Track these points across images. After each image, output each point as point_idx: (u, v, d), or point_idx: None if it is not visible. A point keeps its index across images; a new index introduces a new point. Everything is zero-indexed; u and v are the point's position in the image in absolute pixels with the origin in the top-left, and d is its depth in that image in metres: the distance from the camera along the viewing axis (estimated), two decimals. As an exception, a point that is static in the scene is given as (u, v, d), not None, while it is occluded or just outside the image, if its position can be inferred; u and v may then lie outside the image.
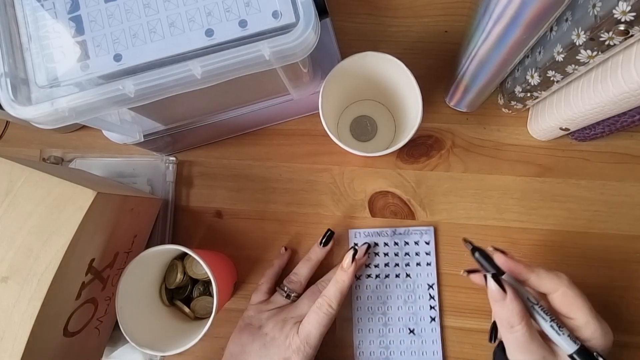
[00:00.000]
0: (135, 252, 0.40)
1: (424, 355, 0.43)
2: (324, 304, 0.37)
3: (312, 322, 0.37)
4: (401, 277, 0.44)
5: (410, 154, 0.47)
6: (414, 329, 0.43)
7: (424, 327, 0.43)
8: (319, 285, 0.41)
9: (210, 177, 0.48)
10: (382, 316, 0.44)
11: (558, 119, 0.40)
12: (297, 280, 0.42)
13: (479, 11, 0.32)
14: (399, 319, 0.43)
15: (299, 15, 0.28)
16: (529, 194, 0.45)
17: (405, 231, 0.45)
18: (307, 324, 0.37)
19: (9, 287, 0.29)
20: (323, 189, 0.47)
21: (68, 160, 0.48)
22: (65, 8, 0.29)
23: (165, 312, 0.42)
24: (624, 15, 0.25)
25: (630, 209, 0.44)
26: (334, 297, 0.37)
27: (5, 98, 0.27)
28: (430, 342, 0.43)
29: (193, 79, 0.28)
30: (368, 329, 0.43)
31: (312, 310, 0.37)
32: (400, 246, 0.45)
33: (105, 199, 0.33)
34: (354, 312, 0.44)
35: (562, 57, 0.32)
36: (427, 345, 0.43)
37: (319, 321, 0.37)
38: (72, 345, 0.34)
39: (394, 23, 0.49)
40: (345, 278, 0.38)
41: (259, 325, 0.39)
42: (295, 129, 0.48)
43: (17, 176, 0.31)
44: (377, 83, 0.42)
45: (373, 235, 0.45)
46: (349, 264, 0.38)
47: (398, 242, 0.45)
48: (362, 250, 0.43)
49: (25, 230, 0.30)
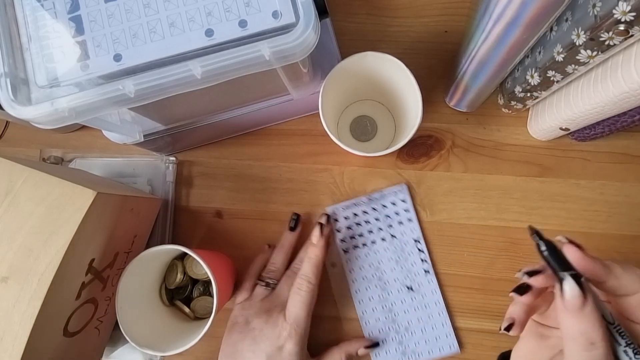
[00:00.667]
0: (135, 252, 0.40)
1: (427, 307, 0.44)
2: (303, 282, 0.39)
3: (296, 304, 0.38)
4: (387, 239, 0.45)
5: (410, 154, 0.47)
6: (411, 286, 0.44)
7: (420, 281, 0.44)
8: (292, 268, 0.42)
9: (210, 177, 0.48)
10: (379, 282, 0.44)
11: (558, 119, 0.40)
12: (274, 269, 0.42)
13: (479, 11, 0.32)
14: (394, 280, 0.44)
15: (299, 15, 0.28)
16: (529, 194, 0.45)
17: (379, 195, 0.46)
18: (292, 307, 0.38)
19: (9, 287, 0.29)
20: (323, 189, 0.47)
21: (68, 160, 0.48)
22: (65, 8, 0.29)
23: (165, 312, 0.42)
24: (624, 15, 0.25)
25: (630, 209, 0.44)
26: (310, 272, 0.39)
27: (5, 98, 0.27)
28: (430, 293, 0.44)
29: (193, 79, 0.28)
30: (368, 297, 0.44)
31: (292, 292, 0.39)
32: (378, 210, 0.45)
33: (105, 199, 0.33)
34: (350, 285, 0.44)
35: (562, 57, 0.32)
36: (427, 298, 0.44)
37: (302, 300, 0.38)
38: (72, 345, 0.34)
39: (394, 23, 0.49)
40: (317, 252, 0.40)
41: (245, 322, 0.39)
42: (295, 129, 0.48)
43: (17, 176, 0.31)
44: (377, 83, 0.42)
45: (350, 207, 0.46)
46: (318, 237, 0.40)
47: (376, 207, 0.45)
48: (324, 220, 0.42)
49: (25, 230, 0.30)
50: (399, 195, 0.45)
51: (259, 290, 0.41)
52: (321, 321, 0.44)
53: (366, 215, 0.45)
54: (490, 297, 0.43)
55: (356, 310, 0.44)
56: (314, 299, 0.39)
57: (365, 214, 0.45)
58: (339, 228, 0.45)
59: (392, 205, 0.45)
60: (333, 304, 0.45)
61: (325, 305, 0.44)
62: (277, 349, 0.37)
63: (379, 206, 0.45)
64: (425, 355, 0.43)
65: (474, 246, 0.45)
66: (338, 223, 0.46)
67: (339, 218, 0.46)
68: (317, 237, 0.40)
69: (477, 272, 0.44)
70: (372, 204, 0.45)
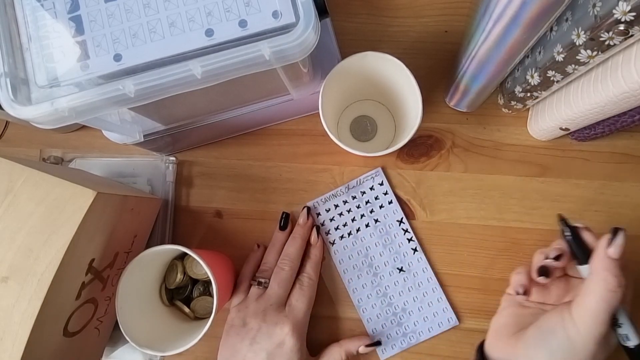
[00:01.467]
0: (135, 252, 0.40)
1: (420, 286, 0.44)
2: (304, 279, 0.41)
3: (298, 297, 0.40)
4: (371, 225, 0.45)
5: (410, 154, 0.47)
6: (402, 267, 0.44)
7: (410, 260, 0.45)
8: (280, 265, 0.42)
9: (210, 177, 0.48)
10: (369, 268, 0.45)
11: (558, 119, 0.40)
12: (268, 269, 0.43)
13: (479, 11, 0.32)
14: (385, 264, 0.45)
15: (299, 15, 0.28)
16: (529, 194, 0.45)
17: (357, 182, 0.46)
18: (294, 301, 0.40)
19: (9, 287, 0.29)
20: (323, 189, 0.47)
21: (68, 160, 0.48)
22: (65, 8, 0.29)
23: (165, 312, 0.42)
24: (624, 15, 0.25)
25: (630, 209, 0.44)
26: (311, 270, 0.42)
27: (5, 98, 0.27)
28: (421, 272, 0.44)
29: (193, 79, 0.28)
30: (361, 285, 0.44)
31: (294, 288, 0.41)
32: (358, 198, 0.46)
33: (105, 199, 0.33)
34: (342, 276, 0.45)
35: (562, 57, 0.32)
36: (419, 276, 0.44)
37: (304, 294, 0.40)
38: (72, 345, 0.34)
39: (394, 23, 0.49)
40: (317, 252, 0.43)
41: (242, 323, 0.40)
42: (295, 129, 0.48)
43: (17, 176, 0.31)
44: (377, 83, 0.42)
45: (330, 198, 0.46)
46: (316, 239, 0.44)
47: (355, 195, 0.46)
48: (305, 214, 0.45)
49: (25, 230, 0.30)
50: (376, 179, 0.46)
51: (254, 291, 0.42)
52: (319, 320, 0.44)
53: (347, 204, 0.46)
54: (491, 297, 0.43)
55: (352, 300, 0.44)
56: (313, 294, 0.41)
57: (345, 204, 0.46)
58: (322, 221, 0.46)
59: (371, 191, 0.46)
60: (330, 302, 0.45)
61: (321, 304, 0.44)
62: (277, 346, 0.37)
63: (358, 193, 0.46)
64: (425, 333, 0.43)
65: (474, 246, 0.45)
66: (320, 217, 0.46)
67: (320, 211, 0.46)
68: (315, 239, 0.44)
69: (477, 272, 0.44)
70: (351, 193, 0.46)
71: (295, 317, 0.39)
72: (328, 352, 0.41)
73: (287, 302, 0.40)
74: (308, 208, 0.45)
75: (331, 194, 0.46)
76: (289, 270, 0.41)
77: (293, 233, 0.44)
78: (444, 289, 0.44)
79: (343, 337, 0.43)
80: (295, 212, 0.46)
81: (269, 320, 0.39)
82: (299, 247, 0.43)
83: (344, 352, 0.41)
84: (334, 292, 0.45)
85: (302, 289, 0.41)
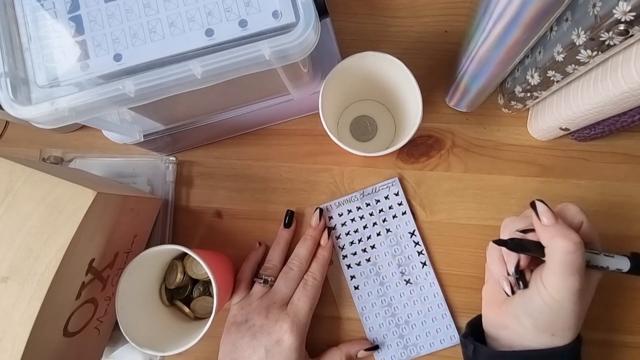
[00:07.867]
0: (135, 252, 0.40)
1: (426, 300, 0.44)
2: (309, 278, 0.41)
3: (301, 296, 0.40)
4: (382, 234, 0.45)
5: (410, 154, 0.47)
6: (409, 279, 0.44)
7: (418, 274, 0.44)
8: (289, 264, 0.42)
9: (210, 177, 0.48)
10: (376, 277, 0.44)
11: (558, 119, 0.40)
12: (272, 266, 0.43)
13: (479, 11, 0.32)
14: (392, 274, 0.44)
15: (299, 15, 0.28)
16: (529, 194, 0.45)
17: (372, 190, 0.46)
18: (296, 299, 0.40)
19: (9, 287, 0.29)
20: (323, 189, 0.47)
21: (68, 160, 0.48)
22: (65, 8, 0.29)
23: (165, 312, 0.42)
24: (624, 15, 0.25)
25: (630, 209, 0.44)
26: (317, 271, 0.42)
27: (5, 98, 0.27)
28: (428, 286, 0.44)
29: (193, 79, 0.28)
30: (366, 292, 0.44)
31: (299, 286, 0.41)
32: (372, 205, 0.45)
33: (105, 199, 0.33)
34: (348, 282, 0.45)
35: (562, 57, 0.32)
36: (426, 290, 0.44)
37: (307, 294, 0.40)
38: (72, 345, 0.34)
39: (394, 23, 0.49)
40: (325, 253, 0.43)
41: (244, 319, 0.40)
42: (295, 129, 0.48)
43: (17, 176, 0.31)
44: (377, 83, 0.42)
45: (343, 203, 0.46)
46: (326, 240, 0.44)
47: (369, 203, 0.46)
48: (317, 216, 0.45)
49: (25, 230, 0.30)
50: (392, 189, 0.46)
51: (257, 288, 0.42)
52: (321, 321, 0.44)
53: (360, 211, 0.46)
54: (490, 297, 0.43)
55: (356, 307, 0.44)
56: (317, 295, 0.41)
57: (359, 210, 0.46)
58: (333, 225, 0.46)
59: (386, 200, 0.45)
60: (333, 303, 0.45)
61: (325, 305, 0.44)
62: (275, 342, 0.37)
63: (372, 201, 0.46)
64: (426, 348, 0.43)
65: (474, 246, 0.45)
66: (332, 220, 0.46)
67: (332, 215, 0.46)
68: (325, 240, 0.44)
69: (477, 272, 0.44)
70: (366, 200, 0.46)
71: (297, 316, 0.39)
72: (328, 355, 0.41)
73: (290, 301, 0.40)
74: (321, 210, 0.45)
75: (345, 199, 0.46)
76: (297, 271, 0.41)
77: (305, 234, 0.44)
78: (444, 289, 0.44)
79: (344, 339, 0.43)
80: (296, 213, 0.46)
81: (271, 317, 0.39)
82: (310, 249, 0.43)
83: (344, 356, 0.41)
84: (339, 296, 0.45)
85: (306, 289, 0.40)
